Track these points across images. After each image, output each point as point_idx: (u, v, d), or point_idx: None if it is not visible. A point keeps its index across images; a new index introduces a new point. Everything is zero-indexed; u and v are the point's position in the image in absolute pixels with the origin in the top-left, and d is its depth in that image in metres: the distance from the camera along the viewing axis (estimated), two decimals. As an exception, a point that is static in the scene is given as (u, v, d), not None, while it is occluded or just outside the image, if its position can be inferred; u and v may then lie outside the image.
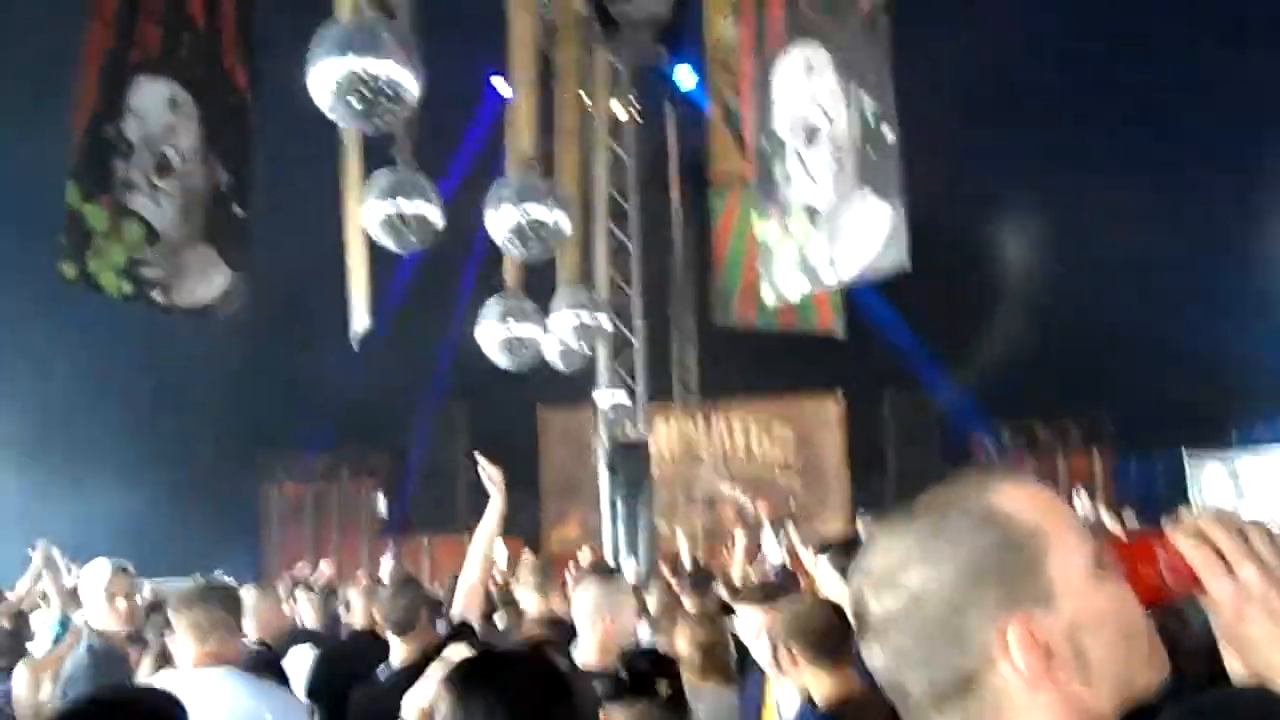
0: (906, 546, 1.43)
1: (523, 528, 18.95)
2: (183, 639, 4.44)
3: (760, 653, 4.87)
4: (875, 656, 1.46)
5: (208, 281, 11.79)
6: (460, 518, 20.21)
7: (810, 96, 11.56)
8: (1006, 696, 1.37)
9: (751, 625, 5.09)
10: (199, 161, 11.41)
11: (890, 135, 10.68)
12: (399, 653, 5.55)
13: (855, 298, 15.80)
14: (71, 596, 7.40)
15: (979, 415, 21.18)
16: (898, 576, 1.42)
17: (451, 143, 17.95)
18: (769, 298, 12.40)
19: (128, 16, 11.25)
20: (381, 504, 20.92)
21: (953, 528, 1.42)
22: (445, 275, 17.08)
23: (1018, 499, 1.44)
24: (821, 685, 4.15)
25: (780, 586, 6.19)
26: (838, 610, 4.22)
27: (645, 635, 7.95)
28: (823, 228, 11.27)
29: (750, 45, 12.45)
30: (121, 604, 5.71)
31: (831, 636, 4.13)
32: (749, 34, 12.50)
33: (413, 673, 4.06)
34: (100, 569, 5.79)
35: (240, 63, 12.07)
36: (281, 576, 14.17)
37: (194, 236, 11.34)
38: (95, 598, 5.68)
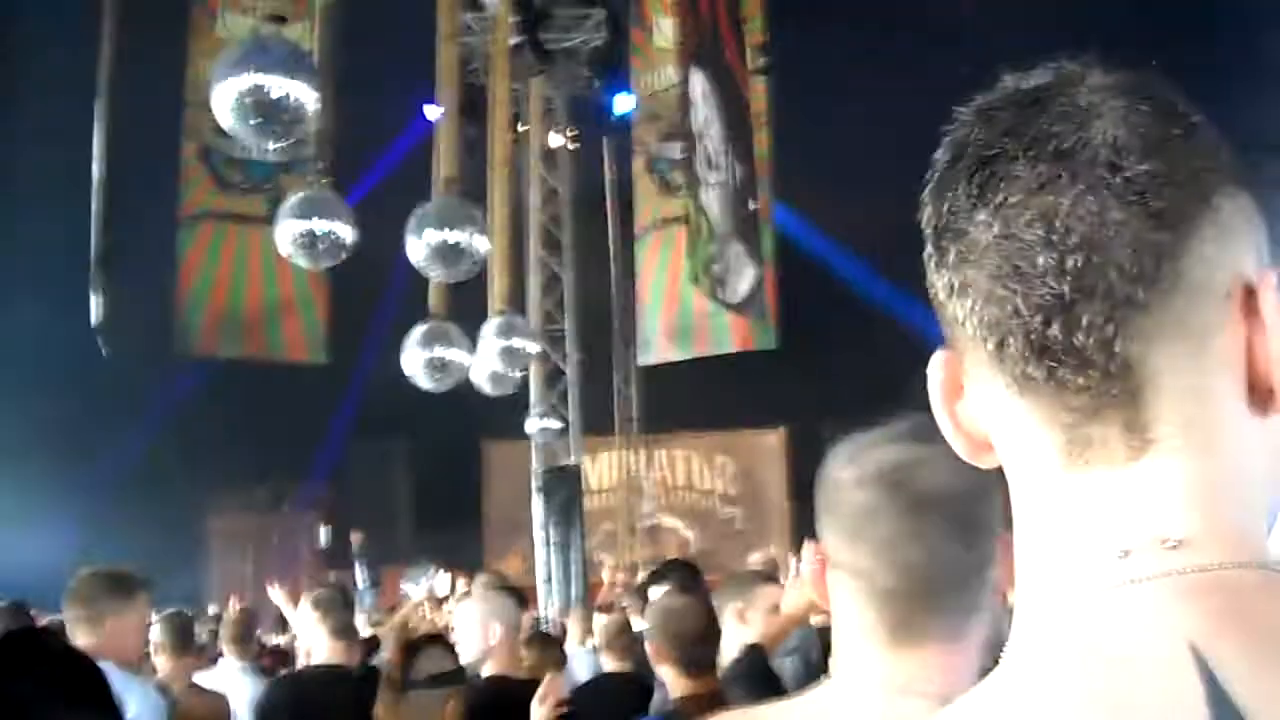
0: None
1: (465, 561, 18.98)
2: None
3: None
4: None
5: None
6: (401, 551, 20.27)
7: (707, 124, 11.92)
8: None
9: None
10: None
11: (752, 205, 11.12)
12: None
13: (791, 324, 15.93)
14: None
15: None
16: None
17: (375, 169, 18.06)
18: (689, 270, 12.75)
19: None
20: (324, 536, 20.89)
21: None
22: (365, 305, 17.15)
23: None
24: (678, 684, 4.22)
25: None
26: (709, 615, 4.32)
27: (583, 664, 8.01)
28: (716, 245, 11.57)
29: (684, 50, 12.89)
30: None
31: (697, 640, 4.23)
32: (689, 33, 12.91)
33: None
34: None
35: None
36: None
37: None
38: None
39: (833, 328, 18.92)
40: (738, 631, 4.55)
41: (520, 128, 15.49)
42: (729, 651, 4.40)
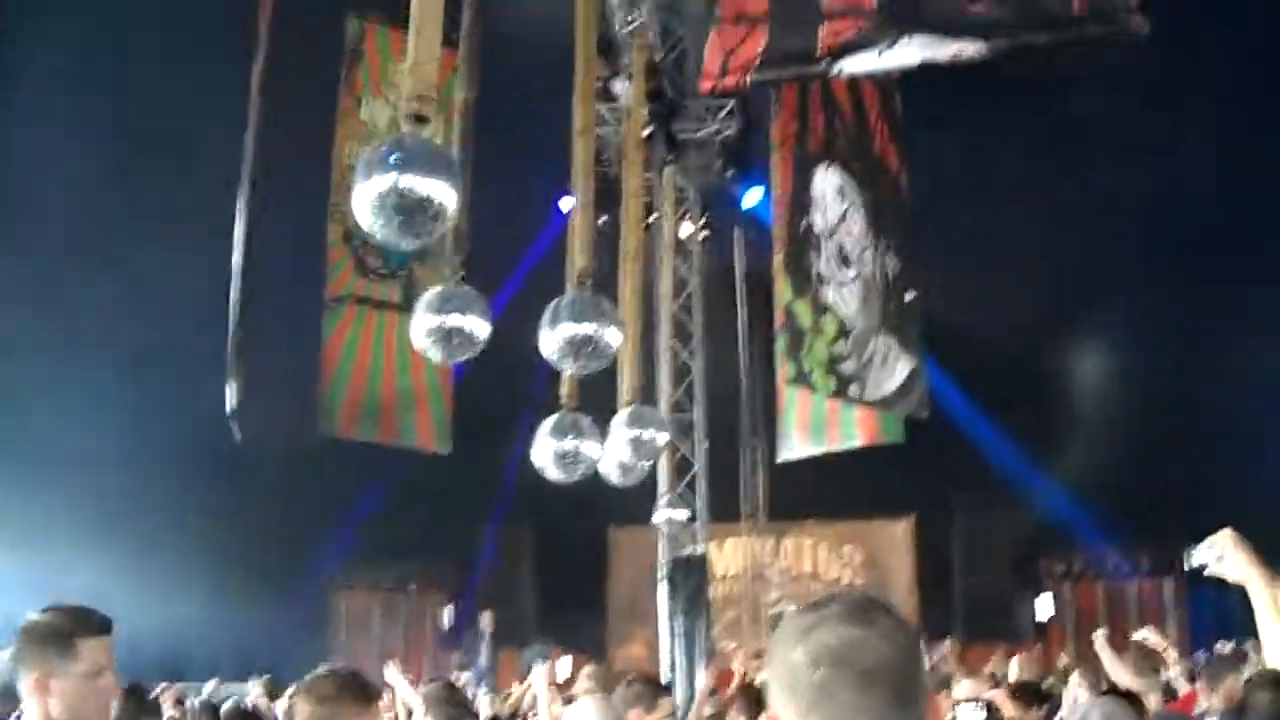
0: None
1: (587, 647, 18.98)
2: None
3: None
4: None
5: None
6: (525, 635, 20.31)
7: (842, 221, 11.79)
8: None
9: None
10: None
11: (909, 296, 10.94)
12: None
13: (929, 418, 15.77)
14: None
15: (1049, 541, 20.95)
16: None
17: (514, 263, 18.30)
18: (790, 372, 12.59)
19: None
20: (448, 616, 21.04)
21: None
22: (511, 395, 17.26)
23: None
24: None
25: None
26: None
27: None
28: (850, 345, 11.43)
29: (790, 143, 12.73)
30: None
31: None
32: (788, 137, 12.79)
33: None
34: None
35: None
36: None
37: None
38: None
39: (960, 423, 18.77)
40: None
41: (652, 218, 15.55)
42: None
